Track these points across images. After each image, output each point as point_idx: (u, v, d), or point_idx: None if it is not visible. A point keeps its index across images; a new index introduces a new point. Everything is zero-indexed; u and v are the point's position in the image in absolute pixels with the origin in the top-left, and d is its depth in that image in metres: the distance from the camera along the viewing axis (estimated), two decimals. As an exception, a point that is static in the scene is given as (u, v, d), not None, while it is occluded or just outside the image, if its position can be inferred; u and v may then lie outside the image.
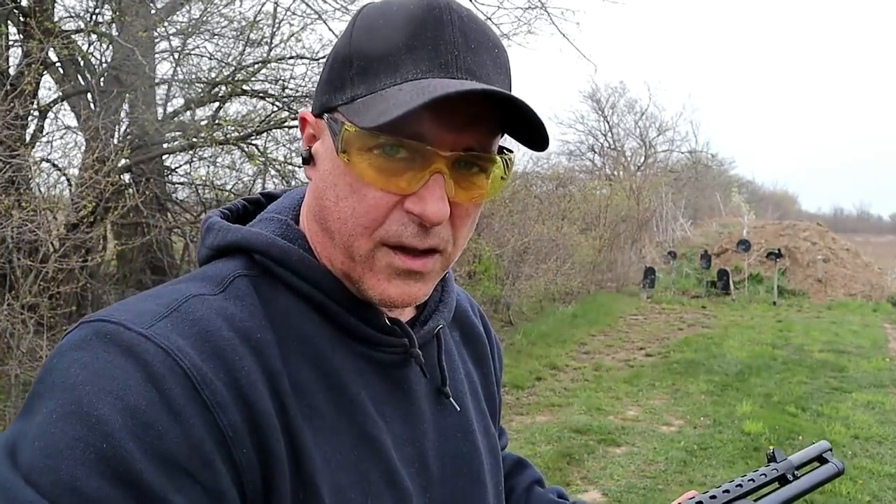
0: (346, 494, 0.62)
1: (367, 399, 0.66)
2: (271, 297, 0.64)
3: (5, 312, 4.35)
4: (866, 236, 40.16)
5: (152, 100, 7.25)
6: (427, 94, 0.56)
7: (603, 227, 14.86)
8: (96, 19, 6.60)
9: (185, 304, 0.59)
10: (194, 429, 0.53)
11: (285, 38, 6.91)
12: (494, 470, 0.80)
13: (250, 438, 0.56)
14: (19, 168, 4.88)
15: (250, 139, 6.55)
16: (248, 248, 0.66)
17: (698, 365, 7.80)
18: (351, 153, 0.61)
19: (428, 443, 0.71)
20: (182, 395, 0.53)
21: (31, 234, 4.45)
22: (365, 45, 0.62)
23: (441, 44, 0.60)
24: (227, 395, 0.55)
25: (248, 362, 0.58)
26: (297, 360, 0.62)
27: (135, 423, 0.51)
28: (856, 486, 4.38)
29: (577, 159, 24.46)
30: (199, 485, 0.52)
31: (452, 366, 0.78)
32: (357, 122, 0.59)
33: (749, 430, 5.40)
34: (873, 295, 14.66)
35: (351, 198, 0.62)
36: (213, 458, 0.53)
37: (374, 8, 0.64)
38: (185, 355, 0.55)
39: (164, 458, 0.51)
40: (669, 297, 14.15)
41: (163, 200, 7.43)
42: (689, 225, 22.48)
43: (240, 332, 0.59)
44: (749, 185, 39.91)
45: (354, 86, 0.61)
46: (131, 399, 0.51)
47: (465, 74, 0.61)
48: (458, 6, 0.63)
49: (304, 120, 0.68)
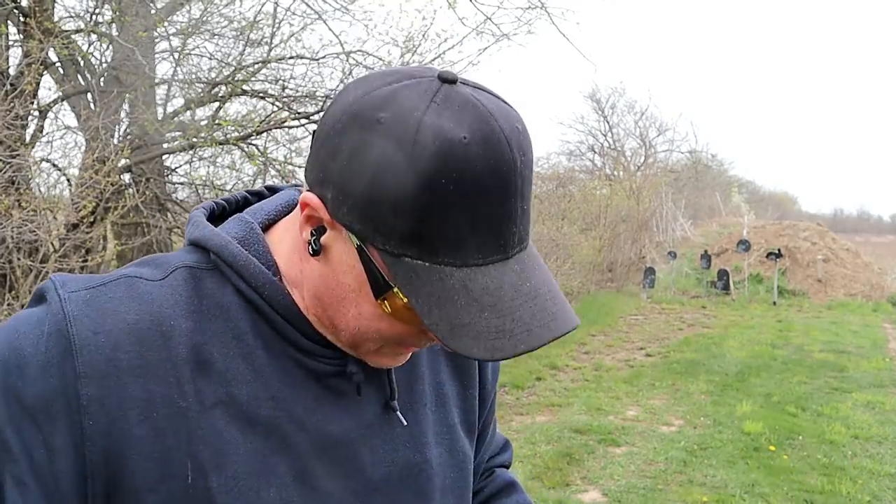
0: (244, 481, 0.64)
1: (291, 399, 0.67)
2: (215, 291, 0.67)
3: (5, 312, 4.35)
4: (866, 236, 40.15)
5: (152, 100, 7.25)
6: (502, 344, 0.58)
7: (603, 227, 14.86)
8: (96, 19, 6.60)
9: (115, 281, 0.65)
10: (51, 386, 0.59)
11: (285, 38, 6.91)
12: (456, 485, 0.79)
13: (108, 415, 0.60)
14: (19, 168, 4.88)
15: (250, 139, 6.55)
16: (205, 246, 0.68)
17: (698, 365, 7.80)
18: (390, 302, 0.62)
19: (366, 450, 0.71)
20: (57, 355, 0.60)
21: (31, 234, 4.45)
22: (426, 207, 0.57)
23: (505, 223, 0.60)
24: (99, 369, 0.60)
25: (145, 347, 0.62)
26: (224, 351, 0.65)
27: (11, 361, 0.60)
28: (856, 486, 4.38)
29: (577, 159, 24.47)
30: (35, 430, 0.59)
31: (412, 375, 0.77)
32: (418, 307, 0.59)
33: (749, 430, 5.40)
34: (873, 295, 14.66)
35: (378, 322, 0.64)
36: (58, 415, 0.59)
37: (437, 149, 0.56)
38: (77, 323, 0.61)
39: (17, 397, 0.59)
40: (669, 297, 14.15)
41: (163, 200, 7.43)
42: (689, 225, 22.49)
43: (152, 317, 0.63)
44: (749, 186, 39.93)
45: (404, 243, 0.58)
46: (22, 344, 0.60)
47: (517, 248, 0.62)
48: (522, 152, 0.60)
49: (307, 205, 0.62)
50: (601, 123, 25.44)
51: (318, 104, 6.62)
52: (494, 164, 0.57)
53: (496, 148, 0.58)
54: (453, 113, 0.57)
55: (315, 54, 6.86)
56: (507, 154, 0.58)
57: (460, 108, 0.58)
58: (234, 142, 6.35)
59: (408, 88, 0.59)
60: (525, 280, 0.61)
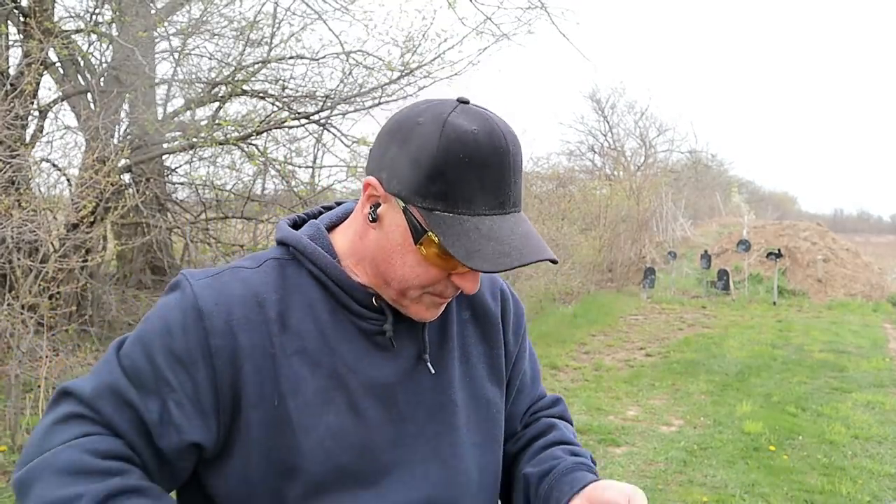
0: (311, 406, 0.91)
1: (346, 350, 0.94)
2: (294, 274, 0.95)
3: (5, 312, 4.35)
4: (866, 236, 40.14)
5: (152, 100, 7.25)
6: (502, 259, 0.85)
7: (603, 227, 14.86)
8: (96, 19, 6.60)
9: (225, 271, 0.95)
10: (193, 340, 0.88)
11: (285, 38, 6.91)
12: (480, 422, 1.03)
13: (227, 355, 0.88)
14: (19, 168, 4.88)
15: (250, 139, 6.54)
16: (286, 243, 0.98)
17: (698, 365, 7.80)
18: (426, 247, 0.89)
19: (401, 391, 0.96)
20: (193, 322, 0.89)
21: (31, 234, 4.45)
22: (449, 172, 0.85)
23: (503, 186, 0.87)
24: (220, 327, 0.89)
25: (248, 310, 0.91)
26: (299, 315, 0.93)
27: (164, 329, 0.89)
28: (856, 486, 4.38)
29: (577, 159, 24.47)
30: (185, 371, 0.88)
31: (443, 336, 1.02)
32: (444, 242, 0.86)
33: (749, 430, 5.40)
34: (873, 295, 14.66)
35: (416, 269, 0.91)
36: (198, 359, 0.88)
37: (456, 135, 0.85)
38: (202, 300, 0.90)
39: (171, 350, 0.88)
40: (669, 297, 14.15)
41: (163, 200, 7.43)
42: (689, 225, 22.49)
43: (251, 292, 0.92)
44: (749, 186, 39.90)
45: (434, 200, 0.86)
46: (168, 319, 0.90)
47: (513, 207, 0.89)
48: (514, 146, 0.89)
49: (369, 184, 0.91)
50: (601, 123, 25.48)
51: (318, 104, 6.61)
52: (494, 147, 0.86)
53: (495, 138, 0.87)
54: (468, 116, 0.88)
55: (315, 54, 6.86)
56: (503, 142, 0.87)
57: (473, 115, 0.88)
58: (234, 142, 6.35)
59: (437, 105, 0.90)
60: (518, 227, 0.89)
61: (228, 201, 7.56)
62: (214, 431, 0.89)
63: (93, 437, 0.85)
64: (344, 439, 0.92)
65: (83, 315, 5.81)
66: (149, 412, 0.86)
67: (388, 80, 6.69)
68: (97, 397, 0.87)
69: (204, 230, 7.32)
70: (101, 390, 0.87)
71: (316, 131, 7.29)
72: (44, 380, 4.13)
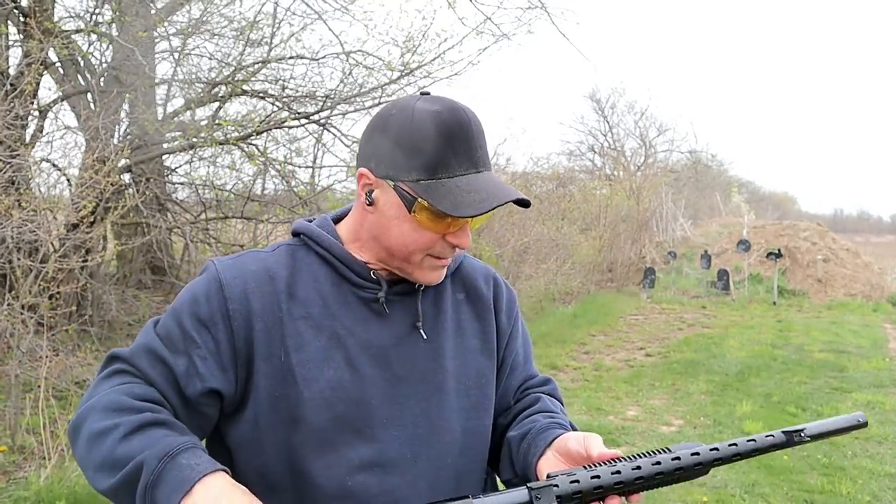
0: (313, 361, 1.05)
1: (345, 316, 1.09)
2: (303, 257, 1.12)
3: (5, 312, 4.34)
4: (866, 236, 40.14)
5: (152, 100, 7.24)
6: (484, 204, 1.01)
7: (603, 227, 14.86)
8: (96, 19, 6.60)
9: (245, 254, 1.13)
10: (214, 306, 1.05)
11: (285, 38, 6.90)
12: (469, 390, 1.15)
13: (242, 317, 1.05)
14: (19, 168, 4.88)
15: (250, 139, 6.54)
16: (298, 231, 1.15)
17: (698, 365, 7.80)
18: (419, 213, 1.03)
19: (395, 354, 1.09)
20: (215, 291, 1.06)
21: (31, 234, 4.45)
22: (424, 146, 1.01)
23: (472, 150, 1.04)
24: (237, 294, 1.05)
25: (260, 282, 1.07)
26: (306, 287, 1.09)
27: (192, 300, 1.06)
28: (856, 486, 4.38)
29: (577, 159, 24.46)
30: (208, 331, 1.04)
31: (437, 311, 1.15)
32: (432, 202, 1.01)
33: (749, 430, 5.40)
34: (873, 295, 14.66)
35: (414, 234, 1.05)
36: (219, 321, 1.05)
37: (425, 115, 1.02)
38: (223, 274, 1.07)
39: (196, 315, 1.05)
40: (669, 297, 14.15)
41: (163, 200, 7.43)
42: (689, 225, 22.49)
43: (264, 268, 1.09)
44: (749, 186, 39.88)
45: (418, 172, 1.02)
46: (195, 292, 1.07)
47: (483, 167, 1.06)
48: (473, 116, 1.05)
49: (362, 175, 1.07)
50: (601, 123, 25.47)
51: (318, 104, 6.61)
52: (457, 120, 1.03)
53: (457, 113, 1.04)
54: (432, 102, 1.05)
55: (315, 54, 6.85)
56: (465, 116, 1.04)
57: (434, 100, 1.06)
58: (234, 142, 6.35)
59: (404, 99, 1.07)
60: (491, 181, 1.05)
61: (228, 201, 7.56)
62: (233, 383, 1.05)
63: (131, 384, 1.02)
64: (342, 391, 1.05)
65: (83, 315, 5.81)
66: (177, 366, 1.03)
67: (388, 80, 6.69)
68: (135, 356, 1.05)
69: (204, 230, 7.32)
70: (138, 351, 1.05)
71: (316, 131, 7.29)
72: (44, 380, 4.13)
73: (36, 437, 4.04)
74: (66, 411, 4.49)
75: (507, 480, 1.16)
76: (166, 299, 7.68)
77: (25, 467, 3.93)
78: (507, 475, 1.17)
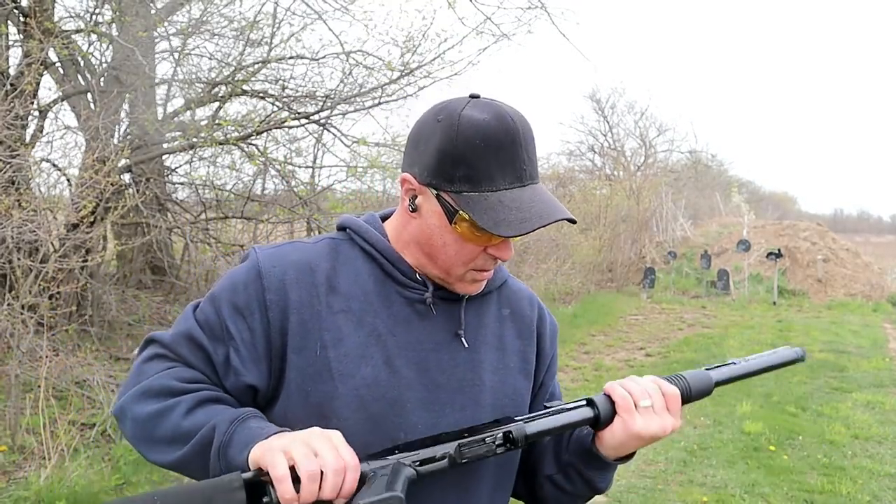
0: (350, 357, 1.03)
1: (387, 314, 1.07)
2: (347, 251, 1.11)
3: (5, 312, 4.34)
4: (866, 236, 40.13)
5: (152, 100, 7.24)
6: (525, 224, 0.97)
7: (603, 227, 14.87)
8: (96, 19, 6.59)
9: (287, 244, 1.11)
10: (252, 294, 1.03)
11: (285, 38, 6.90)
12: (507, 405, 1.11)
13: (279, 308, 1.03)
14: (19, 168, 4.88)
15: (250, 139, 6.54)
16: (343, 225, 1.14)
17: (698, 365, 7.75)
18: (459, 225, 1.01)
19: (434, 359, 1.07)
20: (253, 279, 1.04)
21: (31, 234, 4.45)
22: (469, 157, 0.98)
23: (517, 163, 1.00)
24: (275, 284, 1.04)
25: (299, 273, 1.05)
26: (347, 281, 1.07)
27: (230, 287, 1.05)
28: (856, 486, 4.38)
29: (577, 159, 24.46)
30: (244, 320, 1.03)
31: (480, 322, 1.13)
32: (473, 217, 0.98)
33: (749, 430, 5.40)
34: (873, 295, 14.66)
35: (455, 246, 1.03)
36: (255, 310, 1.03)
37: (470, 125, 0.98)
38: (263, 262, 1.06)
39: (233, 303, 1.04)
40: (669, 297, 14.15)
41: (163, 200, 7.42)
42: (689, 225, 22.46)
43: (306, 259, 1.07)
44: (749, 186, 39.84)
45: (461, 183, 0.99)
46: (234, 279, 1.06)
47: (530, 180, 1.01)
48: (523, 126, 1.01)
49: (405, 180, 1.05)
50: (601, 123, 25.44)
51: (318, 104, 6.61)
52: (505, 130, 0.99)
53: (504, 121, 0.99)
54: (479, 108, 1.00)
55: (315, 54, 6.85)
56: (511, 125, 0.99)
57: (482, 106, 1.01)
58: (234, 142, 6.34)
59: (452, 102, 1.03)
60: (537, 195, 1.00)
61: (228, 201, 7.56)
62: (266, 375, 1.04)
63: (178, 369, 1.03)
64: (377, 390, 1.03)
65: (83, 315, 5.81)
66: (216, 354, 1.03)
67: (388, 80, 6.69)
68: (175, 343, 1.05)
69: (204, 230, 7.32)
70: (179, 337, 1.05)
71: (316, 131, 7.29)
72: (44, 380, 4.13)
73: (36, 437, 4.04)
74: (66, 411, 4.49)
75: (549, 476, 1.16)
76: (166, 299, 7.69)
77: (25, 467, 3.93)
78: (549, 470, 1.16)
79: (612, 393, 1.06)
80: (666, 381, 1.14)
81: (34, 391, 4.18)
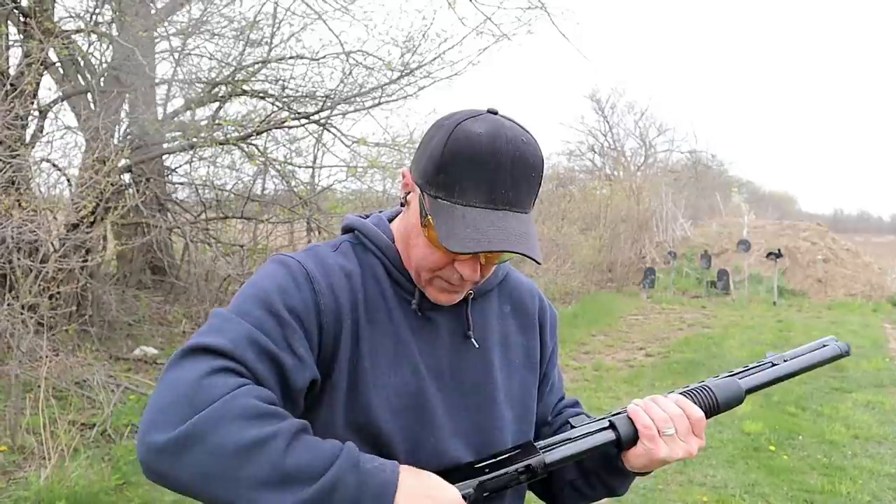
0: (383, 367, 1.04)
1: (405, 324, 1.07)
2: (363, 256, 1.10)
3: (5, 312, 4.35)
4: (866, 236, 40.08)
5: (152, 100, 7.24)
6: (474, 244, 0.95)
7: (603, 227, 14.87)
8: (96, 19, 6.60)
9: (315, 248, 1.10)
10: (304, 297, 1.00)
11: (285, 38, 6.90)
12: (517, 401, 1.15)
13: (332, 313, 1.02)
14: (19, 168, 4.88)
15: (250, 139, 6.54)
16: (353, 228, 1.14)
17: (698, 365, 7.80)
18: (427, 229, 1.02)
19: (445, 361, 1.09)
20: (303, 282, 1.01)
21: (31, 234, 4.45)
22: (450, 166, 0.98)
23: (495, 185, 0.97)
24: (325, 289, 1.02)
25: (341, 278, 1.04)
26: (373, 289, 1.07)
27: (279, 289, 1.00)
28: (856, 486, 4.38)
29: (577, 159, 24.49)
30: (300, 321, 0.99)
31: (485, 321, 1.15)
32: (434, 223, 0.98)
33: (749, 430, 5.40)
34: (873, 295, 14.66)
35: (424, 249, 1.04)
36: (310, 313, 1.00)
37: (462, 136, 0.98)
38: (308, 265, 1.03)
39: (288, 305, 0.99)
40: (669, 297, 14.15)
41: (163, 200, 7.43)
42: (689, 225, 22.44)
43: (339, 264, 1.06)
44: (749, 186, 39.81)
45: (438, 189, 1.00)
46: (280, 281, 1.01)
47: (506, 206, 0.98)
48: (519, 151, 0.98)
49: (404, 175, 1.07)
50: (601, 123, 25.48)
51: (318, 104, 6.61)
52: (492, 150, 0.97)
53: (496, 141, 0.97)
54: (481, 123, 1.00)
55: (315, 54, 6.85)
56: (503, 146, 0.97)
57: (487, 121, 1.00)
58: (234, 142, 6.35)
59: (462, 112, 1.03)
60: (503, 222, 0.97)
61: (228, 201, 7.57)
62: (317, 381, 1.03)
63: (251, 387, 0.91)
64: (407, 398, 1.05)
65: (83, 315, 5.81)
66: (286, 360, 0.96)
67: (388, 80, 6.70)
68: (239, 349, 0.93)
69: (204, 230, 7.33)
70: (240, 343, 0.94)
71: (316, 131, 7.29)
72: (44, 380, 4.13)
73: (36, 437, 4.03)
74: (65, 411, 4.49)
75: (571, 481, 1.20)
76: (166, 299, 7.69)
77: (25, 467, 3.93)
78: (571, 475, 1.19)
79: (636, 419, 1.08)
80: (690, 403, 1.13)
81: (34, 391, 4.18)
